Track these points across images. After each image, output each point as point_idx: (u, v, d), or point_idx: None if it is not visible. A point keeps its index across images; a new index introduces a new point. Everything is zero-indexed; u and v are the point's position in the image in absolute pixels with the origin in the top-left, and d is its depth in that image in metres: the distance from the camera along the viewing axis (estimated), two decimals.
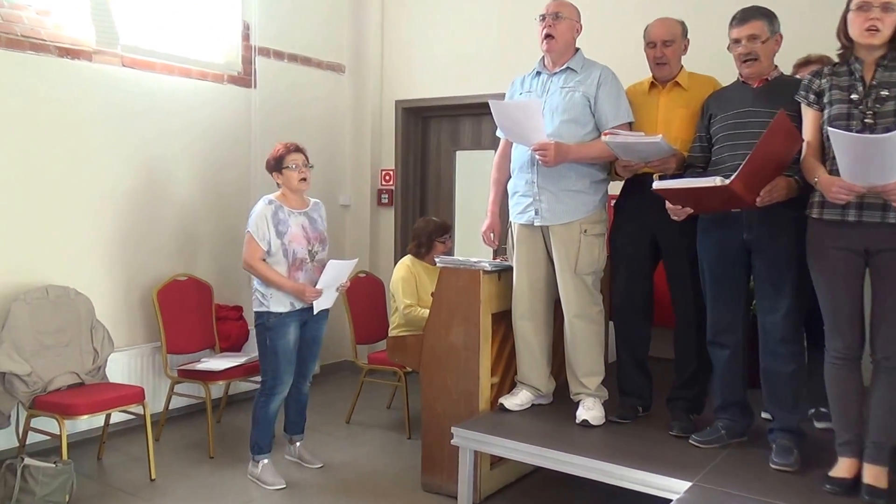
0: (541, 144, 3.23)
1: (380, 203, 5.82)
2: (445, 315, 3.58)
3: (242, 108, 5.07)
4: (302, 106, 5.48)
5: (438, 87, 5.53)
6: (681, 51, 3.39)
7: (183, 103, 4.70)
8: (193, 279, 4.63)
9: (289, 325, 3.66)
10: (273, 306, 3.63)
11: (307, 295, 3.64)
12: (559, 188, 3.36)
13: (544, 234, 3.46)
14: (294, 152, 3.72)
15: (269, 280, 3.61)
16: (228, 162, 5.00)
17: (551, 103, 3.38)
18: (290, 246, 3.64)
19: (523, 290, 3.52)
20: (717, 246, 3.01)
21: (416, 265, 4.41)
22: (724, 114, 3.03)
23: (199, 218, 4.83)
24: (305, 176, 3.73)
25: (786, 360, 2.92)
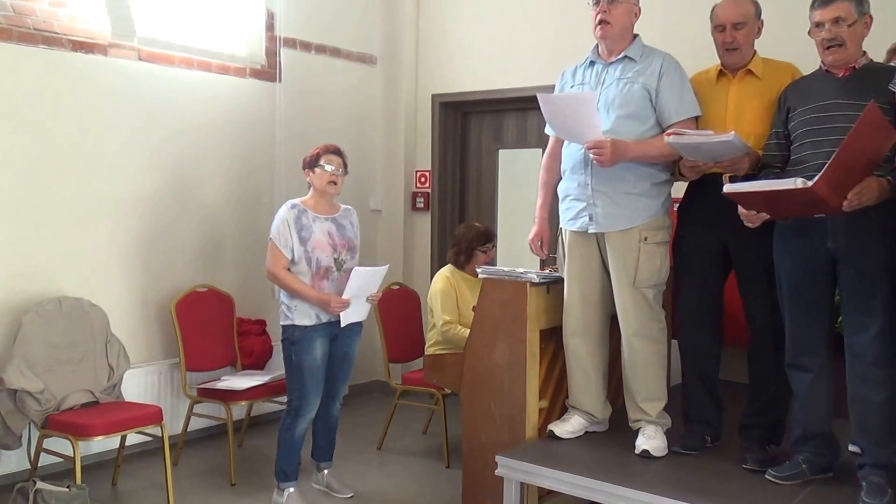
0: (595, 142, 3.18)
1: (415, 208, 5.80)
2: (488, 331, 3.53)
3: (266, 103, 5.09)
4: (330, 101, 5.49)
5: (480, 79, 5.50)
6: (754, 34, 3.29)
7: (203, 99, 4.75)
8: (214, 290, 4.65)
9: (315, 339, 3.66)
10: (298, 319, 3.64)
11: (332, 306, 3.64)
12: (616, 191, 3.29)
13: (599, 243, 3.40)
14: (332, 153, 3.76)
15: (293, 290, 3.62)
16: (251, 162, 5.03)
17: (607, 96, 3.32)
18: (313, 253, 3.65)
19: (575, 305, 3.46)
20: (798, 255, 2.92)
21: (455, 276, 4.37)
22: (804, 107, 2.94)
23: (219, 224, 4.87)
24: (336, 180, 3.74)
25: (877, 386, 2.80)
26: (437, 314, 4.26)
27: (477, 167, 5.80)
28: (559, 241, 3.58)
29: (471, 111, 5.77)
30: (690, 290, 3.36)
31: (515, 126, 5.59)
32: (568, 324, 3.49)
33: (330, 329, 3.71)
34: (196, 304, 4.52)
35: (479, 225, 4.55)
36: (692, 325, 3.36)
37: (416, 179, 5.81)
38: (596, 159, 3.20)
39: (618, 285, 3.35)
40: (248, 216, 5.00)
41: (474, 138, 5.80)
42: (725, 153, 3.03)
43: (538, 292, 3.49)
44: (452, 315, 4.23)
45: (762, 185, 2.75)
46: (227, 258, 4.90)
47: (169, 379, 4.51)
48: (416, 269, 5.79)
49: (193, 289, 4.56)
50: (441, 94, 5.69)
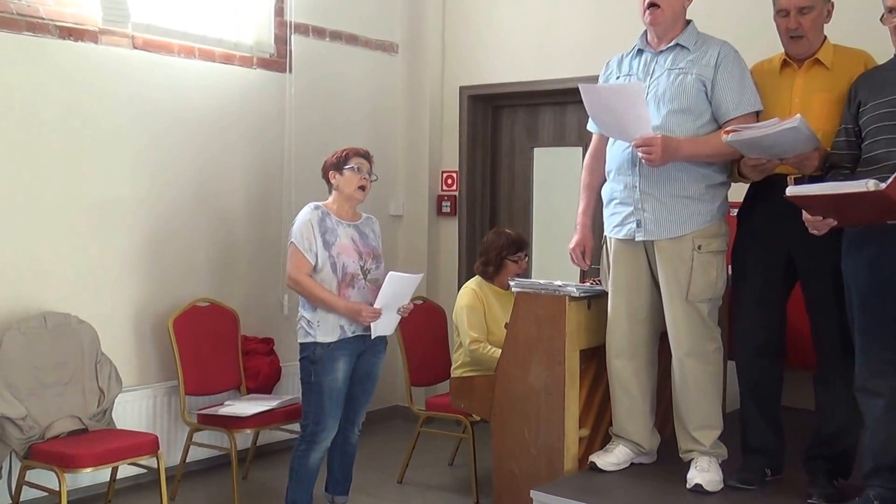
0: (644, 139, 3.23)
1: (440, 213, 5.87)
2: (522, 352, 3.58)
3: (275, 96, 5.17)
4: (346, 94, 5.56)
5: (513, 70, 5.54)
6: (822, 18, 3.30)
7: (204, 92, 4.82)
8: (216, 305, 4.73)
9: (338, 358, 3.73)
10: (321, 335, 3.71)
11: (363, 315, 3.71)
12: (667, 194, 3.35)
13: (648, 252, 3.45)
14: (362, 157, 3.86)
15: (318, 299, 3.69)
16: (258, 162, 5.10)
17: (657, 88, 3.38)
18: (338, 258, 3.73)
19: (621, 322, 3.51)
20: (870, 268, 2.94)
21: (484, 289, 4.42)
22: (877, 100, 2.97)
23: (222, 231, 4.93)
24: (366, 184, 3.85)
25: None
26: (463, 332, 4.31)
27: (510, 167, 5.85)
28: (603, 250, 3.63)
29: (503, 105, 5.82)
30: (750, 306, 3.39)
31: (553, 122, 5.64)
32: (612, 343, 3.54)
33: (356, 345, 3.78)
34: (196, 320, 4.59)
35: (510, 231, 4.59)
36: (751, 345, 3.39)
37: (441, 181, 5.88)
38: (644, 158, 3.25)
39: (668, 299, 3.39)
40: (254, 222, 5.07)
41: (507, 135, 5.86)
42: (791, 146, 3.04)
43: (578, 307, 3.54)
44: (480, 332, 4.27)
45: (829, 187, 2.77)
46: (230, 269, 4.97)
47: (166, 404, 4.58)
48: (441, 282, 5.84)
49: (193, 303, 4.63)
50: (470, 85, 5.75)
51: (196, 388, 4.51)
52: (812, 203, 2.84)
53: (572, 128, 5.50)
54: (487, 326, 4.31)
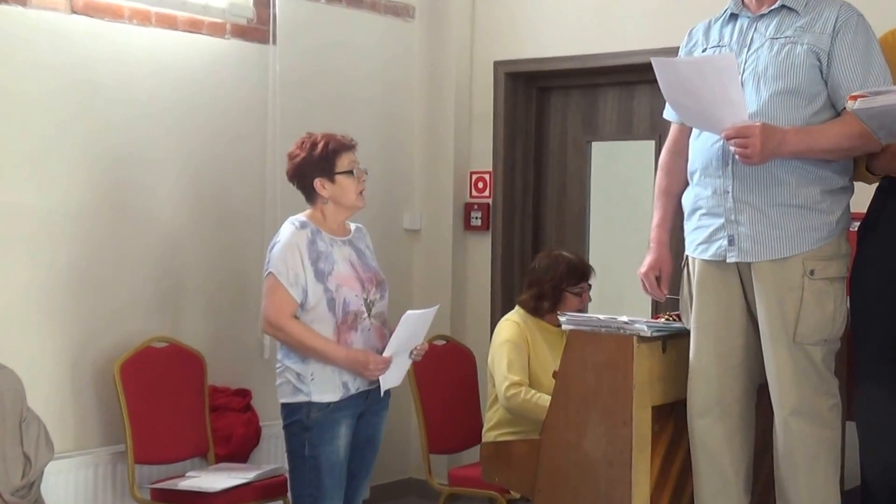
0: (739, 129, 3.23)
1: (468, 226, 5.90)
2: (576, 408, 3.59)
3: (255, 75, 5.21)
4: (347, 71, 5.60)
5: (565, 41, 5.57)
6: None
7: (163, 69, 4.85)
8: (177, 346, 4.76)
9: (340, 422, 3.74)
10: (317, 393, 3.71)
11: (372, 367, 3.72)
12: (769, 202, 3.36)
13: (743, 278, 3.46)
14: (351, 150, 3.86)
15: (310, 348, 3.69)
16: (233, 162, 5.13)
17: (756, 63, 3.40)
18: (337, 293, 3.73)
19: (707, 369, 3.52)
20: None
21: (529, 324, 4.44)
22: None
23: (186, 249, 4.96)
24: (364, 188, 3.87)
25: None
26: (500, 375, 4.32)
27: (560, 167, 5.88)
28: (683, 275, 3.65)
29: (551, 86, 5.86)
30: (878, 350, 3.39)
31: (616, 108, 5.67)
32: (696, 397, 3.54)
33: (358, 404, 3.80)
34: (151, 366, 4.62)
35: (569, 255, 4.62)
36: (880, 402, 3.39)
37: (470, 185, 5.92)
38: (739, 154, 3.26)
39: (770, 340, 3.39)
40: (228, 239, 5.10)
41: (556, 126, 5.89)
42: None
43: (651, 351, 3.55)
44: (522, 376, 4.30)
45: None
46: (195, 299, 5.00)
47: (110, 475, 4.59)
48: (469, 317, 5.87)
49: (147, 344, 4.66)
50: (508, 61, 5.78)
51: (149, 454, 4.53)
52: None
53: (642, 116, 5.52)
54: (532, 373, 4.33)
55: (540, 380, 4.27)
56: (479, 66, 5.89)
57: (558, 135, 5.88)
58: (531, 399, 4.19)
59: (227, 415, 4.84)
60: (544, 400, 3.93)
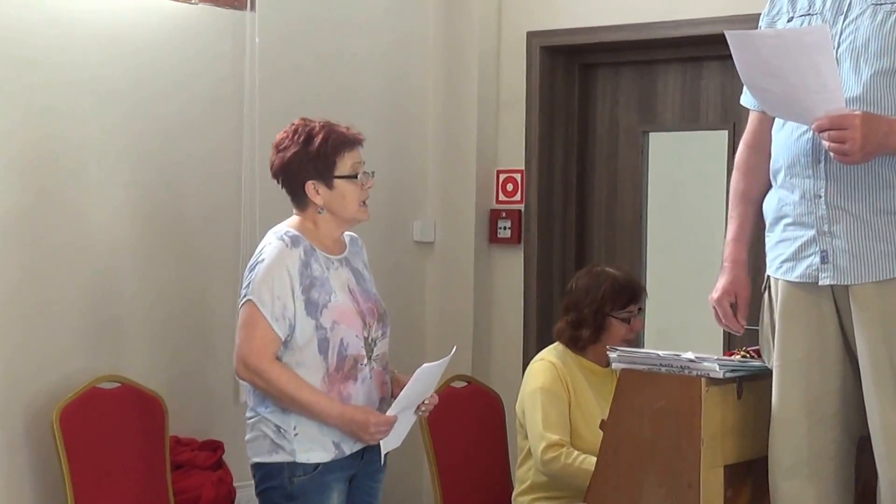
0: (834, 119, 3.23)
1: (495, 238, 5.93)
2: (628, 467, 3.59)
3: (229, 47, 5.24)
4: (345, 44, 5.64)
5: (613, 8, 5.61)
6: None
7: (113, 42, 4.86)
8: (130, 387, 4.77)
9: (331, 487, 3.75)
10: (302, 452, 3.70)
11: (372, 430, 3.72)
12: (872, 208, 3.35)
13: (840, 304, 3.45)
14: (356, 145, 3.83)
15: (297, 401, 3.67)
16: (200, 155, 5.16)
17: (855, 36, 3.40)
18: (333, 332, 3.72)
19: (795, 419, 3.51)
20: None
21: (569, 365, 4.46)
22: None
23: (142, 267, 4.98)
24: (368, 197, 3.86)
25: None
26: (535, 432, 4.33)
27: (609, 164, 5.91)
28: (764, 300, 3.65)
29: (598, 63, 5.91)
30: None
31: (681, 91, 5.70)
32: (781, 453, 3.53)
33: (352, 465, 3.80)
34: (97, 412, 4.63)
35: (615, 271, 4.64)
36: None
37: (498, 188, 5.95)
38: (834, 150, 3.25)
39: (874, 383, 3.37)
40: (192, 253, 5.13)
41: (604, 112, 5.92)
42: None
43: (724, 396, 3.54)
44: (563, 434, 4.31)
45: None
46: (152, 330, 5.02)
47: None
48: (496, 352, 5.89)
49: (92, 385, 4.67)
50: (544, 31, 5.82)
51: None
52: None
53: (712, 101, 5.55)
54: (574, 425, 4.34)
55: (582, 434, 4.31)
56: (509, 39, 5.93)
57: (607, 124, 5.93)
58: (574, 463, 4.20)
59: (193, 473, 4.85)
60: (590, 463, 3.93)
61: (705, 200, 5.15)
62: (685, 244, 5.57)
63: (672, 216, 5.75)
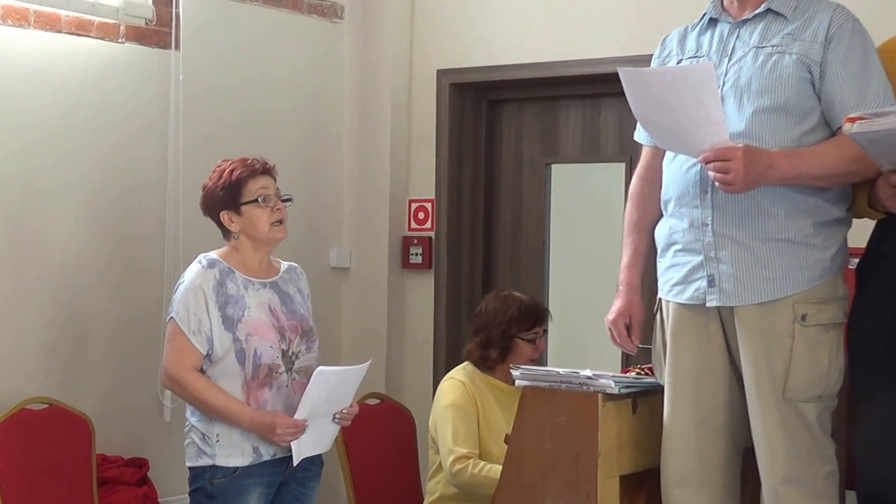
0: (719, 151, 3.29)
1: (407, 264, 5.96)
2: (531, 480, 3.61)
3: (155, 85, 5.23)
4: (264, 81, 5.64)
5: (519, 47, 5.65)
6: None
7: (45, 79, 4.85)
8: (59, 408, 4.74)
9: (249, 491, 3.78)
10: (222, 456, 3.75)
11: (278, 432, 3.74)
12: (755, 236, 3.42)
13: (726, 325, 3.52)
14: (261, 174, 3.89)
15: (212, 407, 3.73)
16: (127, 186, 5.14)
17: (738, 75, 3.48)
18: (248, 343, 3.77)
19: (685, 431, 3.56)
20: None
21: (477, 383, 4.49)
22: None
23: (72, 295, 4.96)
24: (282, 217, 3.89)
25: None
26: (444, 447, 4.35)
27: (514, 194, 5.95)
28: (656, 322, 3.70)
29: (504, 99, 5.94)
30: (880, 408, 3.45)
31: (581, 126, 5.75)
32: (672, 464, 3.58)
33: (275, 471, 3.83)
34: (26, 432, 4.60)
35: (522, 295, 4.68)
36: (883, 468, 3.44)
37: (410, 216, 5.98)
38: (719, 180, 3.31)
39: (757, 397, 3.43)
40: (119, 281, 5.11)
41: (510, 145, 5.96)
42: None
43: (619, 411, 3.59)
44: (471, 447, 4.33)
45: None
46: (81, 352, 4.99)
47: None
48: (408, 371, 5.92)
49: (21, 406, 4.64)
50: (454, 69, 5.85)
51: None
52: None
53: (611, 134, 5.60)
54: (482, 440, 4.37)
55: (490, 449, 4.33)
56: (420, 77, 5.96)
57: (512, 156, 5.96)
58: (480, 473, 4.23)
59: (118, 489, 4.82)
60: (495, 472, 3.97)
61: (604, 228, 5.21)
62: (585, 269, 5.61)
63: (573, 243, 5.79)
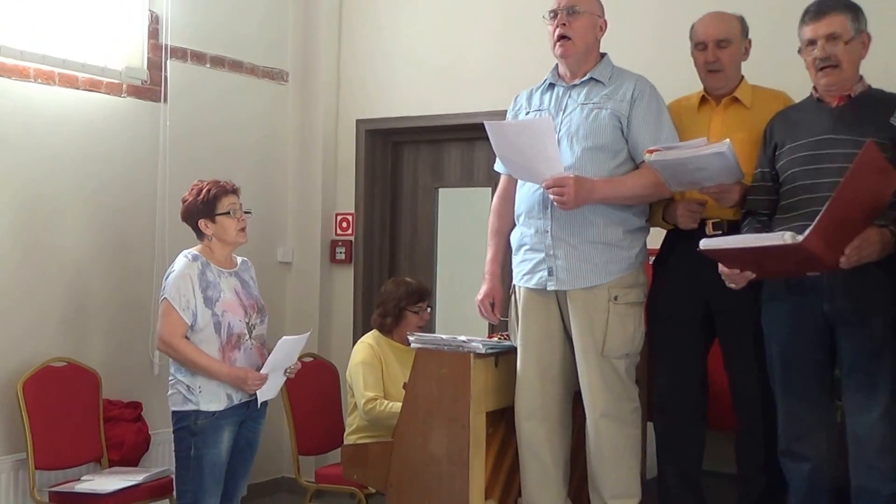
0: (555, 179, 3.33)
1: (334, 260, 5.90)
2: (422, 415, 3.62)
3: (148, 129, 5.15)
4: (229, 127, 5.56)
5: (416, 103, 5.63)
6: (740, 55, 3.53)
7: (65, 123, 4.77)
8: (75, 365, 4.66)
9: (223, 428, 3.74)
10: (204, 403, 3.70)
11: (250, 382, 3.73)
12: (582, 239, 3.45)
13: (560, 303, 3.54)
14: (231, 193, 3.87)
15: (197, 365, 3.68)
16: (127, 205, 5.06)
17: (570, 125, 3.50)
18: (223, 317, 3.74)
19: (531, 380, 3.58)
20: (790, 322, 3.10)
21: (382, 345, 4.47)
22: (794, 143, 3.14)
23: (84, 282, 4.87)
24: (244, 226, 3.88)
25: (885, 478, 2.97)
26: (358, 392, 4.34)
27: (412, 210, 5.92)
28: (511, 301, 3.71)
29: (404, 141, 5.90)
30: (668, 363, 3.51)
31: (460, 160, 5.74)
32: (522, 403, 3.60)
33: (239, 413, 3.79)
34: (50, 383, 4.51)
35: (411, 280, 4.68)
36: (671, 405, 3.51)
37: (336, 225, 5.92)
38: (556, 200, 3.35)
39: (582, 355, 3.47)
40: (121, 272, 5.01)
41: (409, 174, 5.93)
42: (715, 174, 3.16)
43: (485, 365, 3.59)
44: (377, 391, 4.31)
45: (744, 240, 2.92)
46: (92, 324, 4.90)
47: (12, 480, 4.46)
48: (334, 337, 5.86)
49: (47, 364, 4.55)
50: (368, 119, 5.81)
51: (49, 461, 4.41)
52: (728, 256, 2.97)
53: (481, 167, 5.59)
54: (385, 387, 4.35)
55: (391, 392, 4.30)
56: (344, 124, 5.90)
57: (410, 182, 5.92)
58: (385, 409, 4.21)
59: (119, 425, 4.74)
60: (396, 408, 3.95)
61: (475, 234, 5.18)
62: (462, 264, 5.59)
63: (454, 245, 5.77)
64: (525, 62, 4.94)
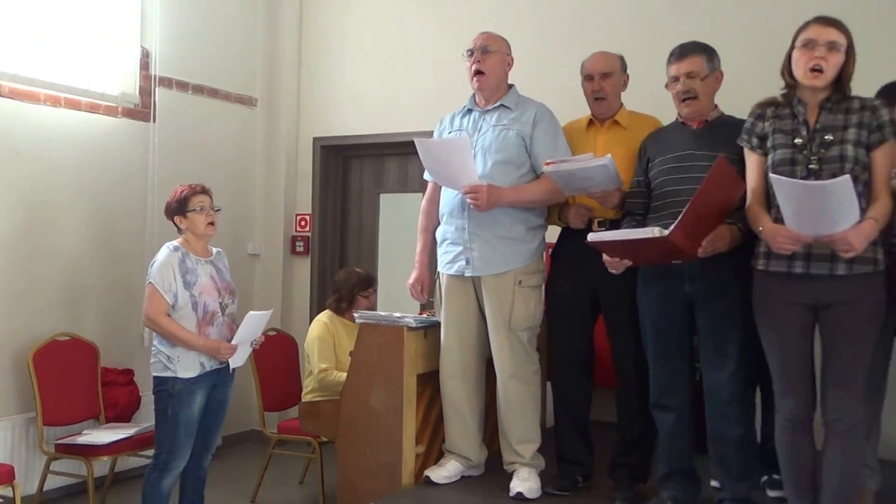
0: (472, 187, 3.32)
1: (294, 252, 5.83)
2: (365, 377, 3.59)
3: (139, 144, 5.05)
4: (208, 143, 5.49)
5: (361, 124, 5.62)
6: (620, 86, 3.54)
7: (70, 139, 4.67)
8: (77, 339, 4.55)
9: (196, 392, 3.64)
10: (181, 371, 3.60)
11: (222, 352, 3.64)
12: (493, 235, 3.44)
13: (476, 286, 3.53)
14: (200, 193, 3.76)
15: (177, 338, 3.58)
16: (121, 206, 4.97)
17: (483, 142, 3.48)
18: (200, 298, 3.64)
19: (452, 348, 3.57)
20: (660, 299, 3.12)
21: (334, 322, 4.42)
22: (663, 157, 3.17)
23: (85, 270, 4.77)
24: (213, 220, 3.77)
25: (734, 424, 3.02)
26: (313, 362, 4.29)
27: (358, 211, 5.89)
28: (436, 285, 3.69)
29: (352, 155, 5.87)
30: (563, 334, 3.51)
31: (397, 170, 5.73)
32: (445, 367, 3.59)
33: (211, 378, 3.70)
34: (56, 354, 4.40)
35: (360, 270, 4.65)
36: (565, 368, 3.51)
37: (296, 223, 5.85)
38: (472, 203, 3.34)
39: (493, 328, 3.47)
40: (116, 261, 4.92)
41: (356, 182, 5.90)
42: (600, 182, 3.19)
43: (416, 336, 3.58)
44: (330, 362, 4.27)
45: (623, 234, 2.94)
46: (91, 306, 4.80)
47: (24, 435, 4.34)
48: (294, 315, 5.80)
49: (54, 338, 4.44)
50: (322, 137, 5.78)
51: (54, 418, 4.30)
52: (609, 247, 2.99)
53: (415, 176, 5.58)
54: (337, 356, 4.31)
55: (342, 359, 4.25)
56: (303, 141, 5.86)
57: (357, 189, 5.89)
58: (335, 378, 4.18)
59: (114, 388, 4.65)
60: (342, 377, 3.90)
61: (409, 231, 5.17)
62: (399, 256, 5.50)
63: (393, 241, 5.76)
64: (449, 93, 4.90)
